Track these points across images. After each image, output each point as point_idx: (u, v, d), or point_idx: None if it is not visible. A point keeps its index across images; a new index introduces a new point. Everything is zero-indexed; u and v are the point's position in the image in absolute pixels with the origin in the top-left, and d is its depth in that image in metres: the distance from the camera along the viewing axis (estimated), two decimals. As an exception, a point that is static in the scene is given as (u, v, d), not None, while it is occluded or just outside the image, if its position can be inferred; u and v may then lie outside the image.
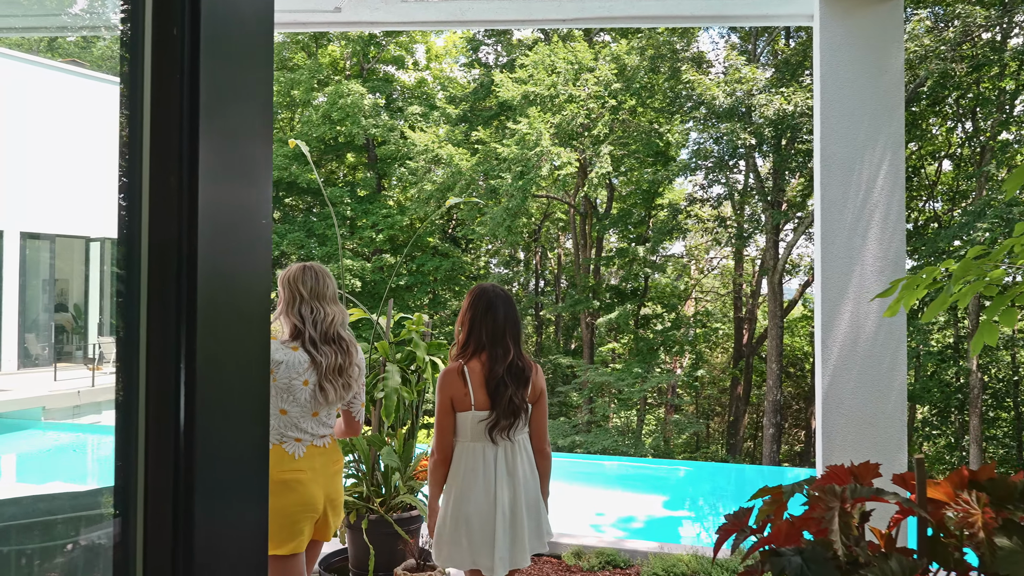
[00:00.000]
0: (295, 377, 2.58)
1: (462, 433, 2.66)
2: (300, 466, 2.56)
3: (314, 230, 25.60)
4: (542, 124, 19.08)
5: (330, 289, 2.70)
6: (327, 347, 2.63)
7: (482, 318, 2.69)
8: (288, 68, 27.11)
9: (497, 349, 2.66)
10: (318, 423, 2.65)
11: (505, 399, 2.60)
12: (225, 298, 0.90)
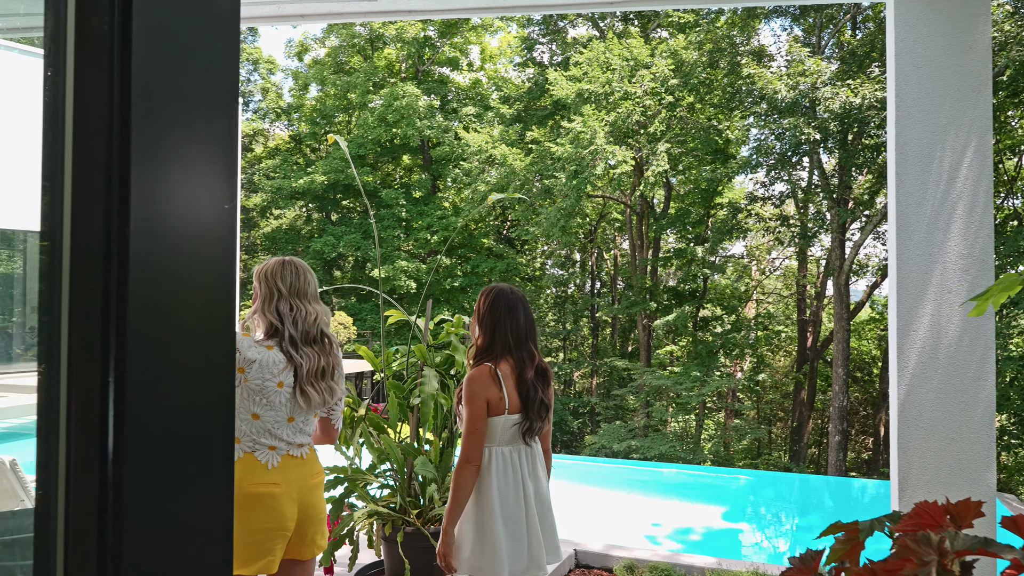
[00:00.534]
0: (269, 378, 2.34)
1: (491, 437, 2.58)
2: (274, 479, 2.33)
3: (370, 232, 25.81)
4: (596, 122, 18.75)
5: (311, 286, 2.48)
6: (309, 348, 2.41)
7: (505, 320, 2.63)
8: (344, 71, 27.43)
9: (523, 352, 2.63)
10: (295, 430, 2.42)
11: (537, 401, 2.60)
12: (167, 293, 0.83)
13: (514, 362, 2.60)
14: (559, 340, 30.29)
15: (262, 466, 2.33)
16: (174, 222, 0.85)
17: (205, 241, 0.89)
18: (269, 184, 28.08)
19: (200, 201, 0.90)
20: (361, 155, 26.40)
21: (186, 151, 0.86)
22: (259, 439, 2.34)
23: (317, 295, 2.50)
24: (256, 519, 2.28)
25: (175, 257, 0.85)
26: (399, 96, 24.30)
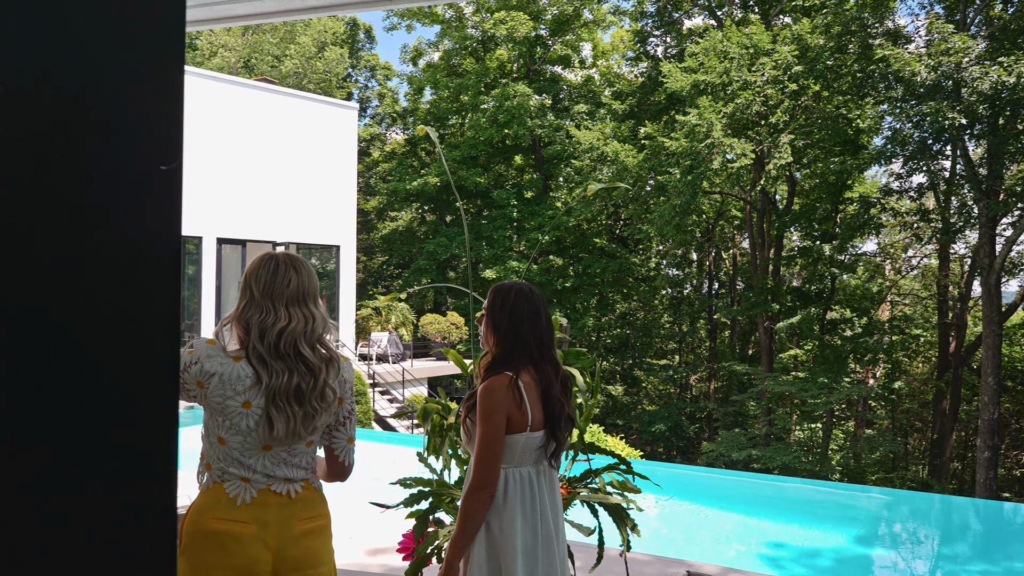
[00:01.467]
0: (231, 396, 1.88)
1: (509, 458, 2.21)
2: (241, 516, 1.86)
3: (482, 232, 25.92)
4: (713, 114, 17.89)
5: (293, 286, 1.95)
6: (278, 363, 1.90)
7: (527, 325, 2.26)
8: (456, 74, 27.68)
9: (545, 362, 2.28)
10: (276, 461, 1.92)
11: (564, 418, 2.26)
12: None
13: (538, 374, 2.24)
14: (674, 342, 29.39)
15: (229, 500, 1.88)
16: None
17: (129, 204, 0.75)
18: (385, 187, 28.75)
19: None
20: (473, 156, 26.55)
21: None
22: (228, 468, 1.90)
23: (303, 298, 1.97)
24: (209, 562, 1.84)
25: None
26: (510, 96, 24.23)
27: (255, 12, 3.86)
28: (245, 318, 1.95)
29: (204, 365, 1.89)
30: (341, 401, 2.03)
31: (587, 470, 3.69)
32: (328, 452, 2.07)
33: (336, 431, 2.05)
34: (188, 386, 1.90)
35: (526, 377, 2.21)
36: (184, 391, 1.90)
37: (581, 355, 3.69)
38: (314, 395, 1.92)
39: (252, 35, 29.32)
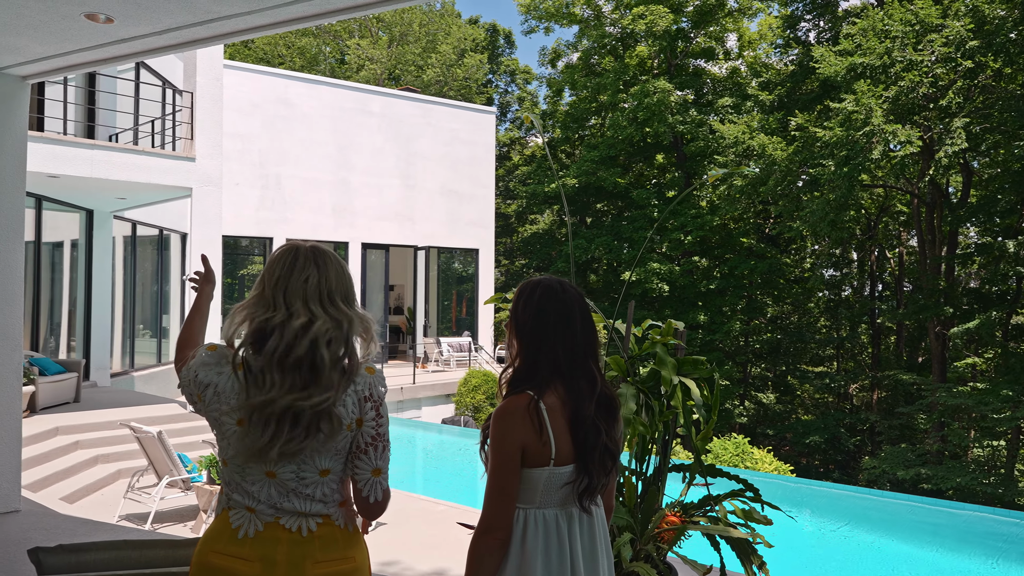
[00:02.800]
0: (226, 412, 1.63)
1: (528, 496, 1.76)
2: (244, 552, 1.61)
3: (622, 233, 25.30)
4: (872, 99, 16.32)
5: (313, 283, 1.65)
6: (279, 375, 1.59)
7: (555, 331, 1.79)
8: (595, 73, 27.22)
9: (579, 376, 1.79)
10: (283, 491, 1.63)
11: (599, 448, 1.76)
12: None
13: (566, 392, 1.77)
14: (832, 348, 27.32)
15: (233, 531, 1.64)
16: None
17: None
18: (524, 190, 28.78)
19: None
20: (612, 156, 25.99)
21: None
22: (232, 494, 1.67)
23: (331, 296, 1.67)
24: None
25: None
26: (650, 93, 23.48)
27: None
28: (250, 316, 1.67)
29: (199, 375, 1.66)
30: (361, 423, 1.67)
31: (706, 496, 3.21)
32: (353, 484, 1.73)
33: (358, 460, 1.68)
34: (191, 397, 1.69)
35: (552, 397, 1.77)
36: (189, 401, 1.70)
37: (698, 364, 3.22)
38: (318, 414, 1.60)
39: (396, 47, 30.33)
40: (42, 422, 8.72)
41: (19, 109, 5.30)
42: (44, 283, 11.88)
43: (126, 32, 4.39)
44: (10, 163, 5.22)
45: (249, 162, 17.28)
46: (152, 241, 15.15)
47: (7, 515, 5.11)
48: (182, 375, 1.72)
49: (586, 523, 1.81)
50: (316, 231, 18.28)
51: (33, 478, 7.30)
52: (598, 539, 1.82)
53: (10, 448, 5.20)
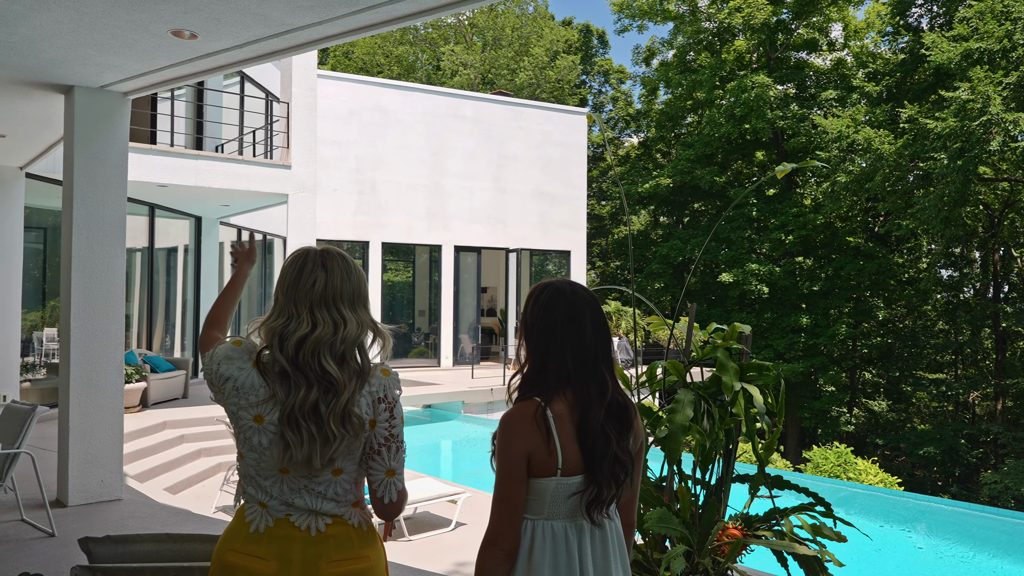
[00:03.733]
0: (244, 407, 1.67)
1: (536, 507, 1.69)
2: (260, 550, 1.64)
3: (719, 234, 24.61)
4: (991, 86, 15.19)
5: (319, 287, 1.69)
6: (297, 375, 1.64)
7: (563, 334, 1.71)
8: (690, 70, 26.62)
9: (588, 382, 1.70)
10: (295, 488, 1.67)
11: (608, 457, 1.68)
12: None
13: (574, 398, 1.69)
14: (950, 354, 25.58)
15: (246, 527, 1.67)
16: None
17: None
18: (618, 191, 28.46)
19: None
20: (708, 154, 25.33)
21: None
22: (247, 487, 1.70)
23: (336, 301, 1.70)
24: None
25: None
26: (747, 88, 22.73)
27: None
28: (269, 324, 1.71)
29: (220, 368, 1.70)
30: (374, 424, 1.69)
31: (772, 509, 3.05)
32: (368, 485, 1.74)
33: (372, 460, 1.70)
34: (211, 386, 1.73)
35: (560, 404, 1.69)
36: (209, 387, 1.74)
37: (763, 370, 3.07)
38: (333, 417, 1.62)
39: (489, 51, 30.66)
40: (152, 416, 9.29)
41: (121, 123, 5.66)
42: (160, 286, 12.68)
43: (210, 47, 4.61)
44: (113, 173, 5.58)
45: (346, 168, 17.87)
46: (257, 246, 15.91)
47: (110, 503, 5.47)
48: (205, 360, 1.76)
49: (599, 537, 1.72)
50: (410, 234, 18.69)
51: (141, 469, 7.77)
52: (612, 555, 1.73)
53: (113, 442, 5.56)
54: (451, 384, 15.86)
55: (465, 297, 20.07)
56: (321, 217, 16.47)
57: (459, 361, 19.21)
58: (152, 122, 11.37)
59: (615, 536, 1.76)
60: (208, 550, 1.96)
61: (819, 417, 23.46)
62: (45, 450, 6.99)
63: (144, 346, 11.87)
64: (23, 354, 9.80)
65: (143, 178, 9.71)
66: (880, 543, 7.20)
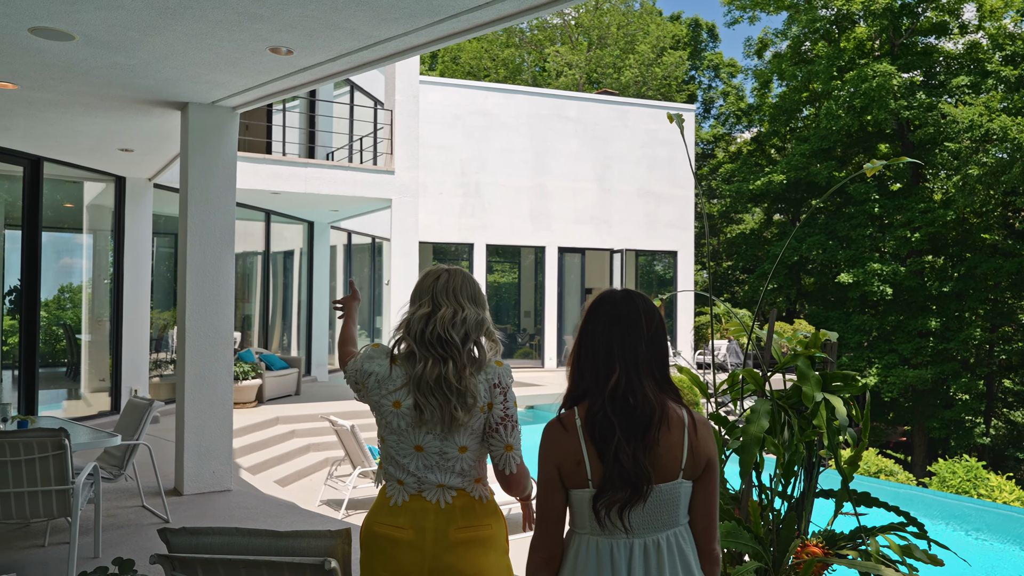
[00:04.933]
0: (384, 395, 2.00)
1: (578, 520, 1.67)
2: (400, 521, 1.96)
3: (837, 232, 23.40)
4: None
5: (443, 282, 2.02)
6: (422, 349, 1.96)
7: (590, 344, 1.71)
8: (806, 60, 25.47)
9: (598, 375, 1.67)
10: (428, 464, 1.97)
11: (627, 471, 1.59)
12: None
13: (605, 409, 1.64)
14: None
15: (387, 502, 2.00)
16: None
17: None
18: (728, 189, 27.63)
19: None
20: (825, 148, 24.15)
21: None
22: (388, 467, 2.02)
23: (457, 293, 2.01)
24: (375, 565, 1.98)
25: None
26: (868, 77, 21.51)
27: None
28: (402, 318, 2.05)
29: (364, 365, 2.04)
30: (491, 406, 1.97)
31: (858, 528, 2.89)
32: (492, 461, 2.03)
33: (492, 438, 1.98)
34: (356, 385, 2.06)
35: (583, 407, 1.68)
36: (354, 389, 2.08)
37: (848, 380, 2.91)
38: (454, 391, 1.92)
39: (595, 50, 30.48)
40: (266, 412, 9.82)
41: (230, 136, 6.02)
42: (277, 288, 13.38)
43: (305, 61, 4.83)
44: (223, 183, 5.95)
45: (451, 172, 18.24)
46: (366, 248, 16.51)
47: (220, 494, 5.83)
48: (348, 367, 2.11)
49: (653, 559, 1.63)
50: (514, 236, 18.86)
51: (254, 461, 8.24)
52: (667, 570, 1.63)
53: (223, 435, 5.92)
54: (554, 385, 15.90)
55: (569, 298, 20.04)
56: (427, 220, 16.89)
57: (563, 362, 19.21)
58: (268, 133, 12.02)
59: (676, 560, 1.65)
60: (274, 545, 2.06)
61: (951, 427, 21.87)
62: (168, 441, 7.54)
63: (258, 345, 12.56)
64: (156, 351, 10.60)
65: (258, 186, 10.29)
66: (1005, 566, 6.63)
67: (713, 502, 1.71)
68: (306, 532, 2.13)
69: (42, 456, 3.76)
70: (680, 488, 1.65)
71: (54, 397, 9.56)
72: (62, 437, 3.76)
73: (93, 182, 9.28)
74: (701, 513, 1.70)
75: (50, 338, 9.93)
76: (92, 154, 7.90)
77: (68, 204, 9.54)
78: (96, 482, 4.31)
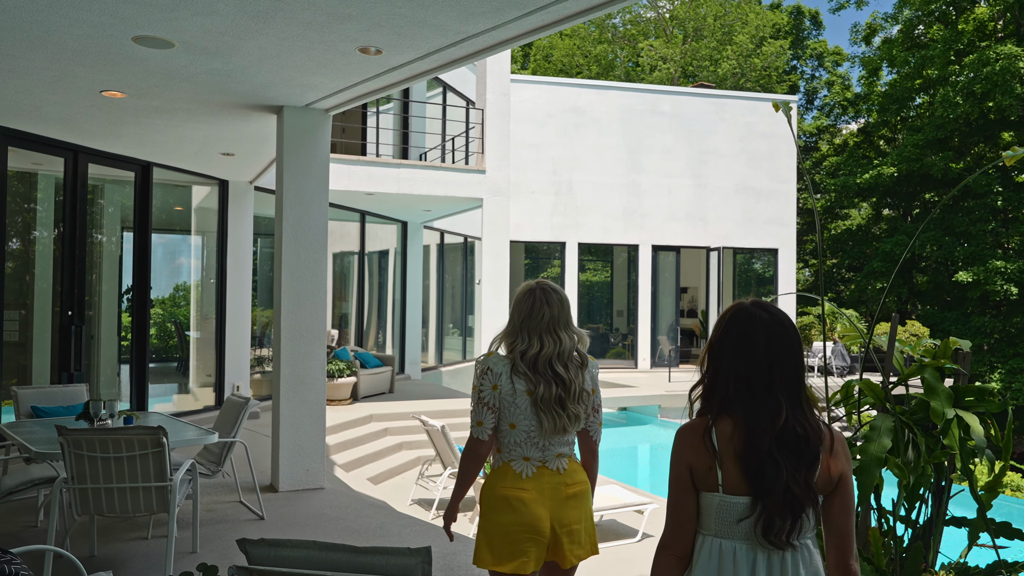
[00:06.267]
0: (512, 395, 2.50)
1: (705, 522, 1.74)
2: (522, 484, 2.48)
3: (955, 227, 21.89)
4: None
5: (546, 319, 2.50)
6: (536, 376, 2.48)
7: (733, 352, 1.74)
8: (919, 45, 23.95)
9: (758, 407, 1.69)
10: (551, 443, 2.52)
11: (779, 485, 1.64)
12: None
13: (744, 420, 1.69)
14: None
15: (516, 474, 2.49)
16: None
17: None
18: (833, 183, 26.34)
19: None
20: (941, 138, 22.64)
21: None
22: (515, 449, 2.51)
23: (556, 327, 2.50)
24: (503, 520, 2.45)
25: None
26: (991, 61, 20.00)
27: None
28: (509, 343, 2.53)
29: (493, 369, 2.49)
30: (594, 391, 2.54)
31: (996, 562, 2.56)
32: (583, 433, 2.59)
33: (592, 416, 2.55)
34: (485, 389, 2.48)
35: (726, 424, 1.71)
36: (483, 393, 2.48)
37: (985, 395, 2.59)
38: (570, 400, 2.45)
39: (690, 43, 29.67)
40: (361, 409, 9.97)
41: (323, 138, 6.09)
42: (372, 287, 13.63)
43: (394, 61, 4.79)
44: (316, 184, 6.02)
45: (543, 170, 18.12)
46: (458, 248, 16.62)
47: (314, 491, 5.90)
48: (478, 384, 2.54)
49: (777, 566, 1.68)
50: (607, 234, 18.56)
51: (348, 458, 8.36)
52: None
53: (317, 434, 5.99)
54: (648, 387, 15.52)
55: (663, 297, 19.56)
56: (519, 219, 16.84)
57: (657, 363, 18.77)
58: (363, 135, 12.23)
59: (807, 566, 1.70)
60: (352, 561, 1.99)
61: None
62: (267, 436, 7.73)
63: (356, 343, 12.81)
64: (259, 347, 10.97)
65: (353, 187, 10.47)
66: None
67: (849, 517, 1.73)
68: (385, 549, 2.04)
69: (142, 453, 3.85)
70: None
71: (166, 391, 10.04)
72: (160, 435, 3.85)
73: (200, 186, 9.66)
74: (837, 528, 1.72)
75: (164, 334, 10.44)
76: (197, 159, 8.21)
77: (178, 207, 9.99)
78: (194, 478, 4.40)
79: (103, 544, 4.55)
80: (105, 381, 8.70)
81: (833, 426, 1.77)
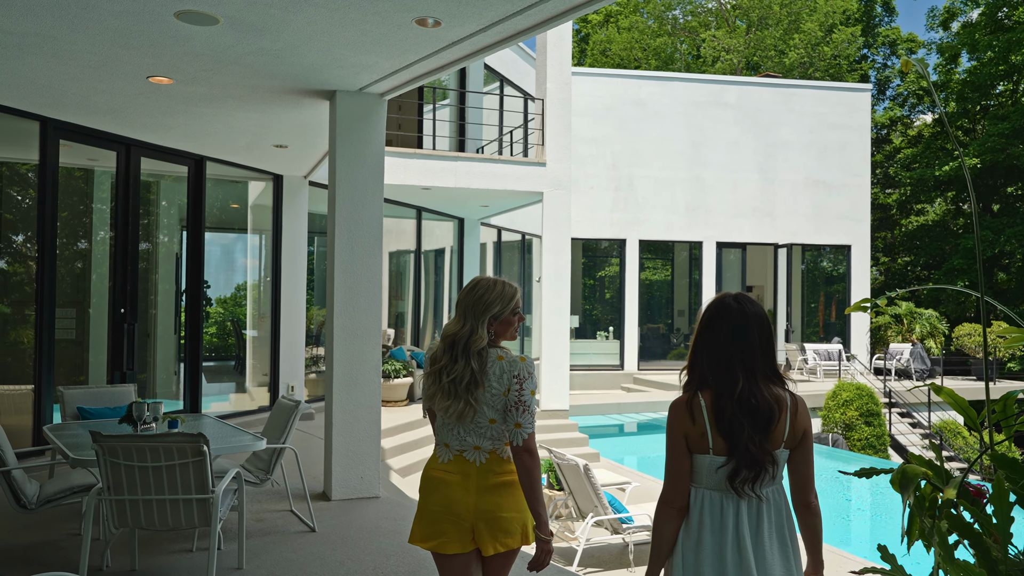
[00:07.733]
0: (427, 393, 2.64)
1: (698, 478, 2.09)
2: (449, 467, 2.50)
3: (1043, 222, 20.51)
4: None
5: (483, 301, 2.51)
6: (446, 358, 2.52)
7: (706, 337, 2.11)
8: (1003, 29, 22.52)
9: (723, 379, 2.06)
10: (466, 430, 2.50)
11: (742, 444, 2.00)
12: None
13: (714, 392, 2.06)
14: None
15: (436, 458, 2.53)
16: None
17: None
18: (908, 176, 25.04)
19: None
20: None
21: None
22: (438, 436, 2.55)
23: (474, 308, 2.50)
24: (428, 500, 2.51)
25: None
26: (1086, 42, 18.61)
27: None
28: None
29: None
30: (508, 392, 2.43)
31: None
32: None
33: (507, 416, 2.44)
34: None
35: (707, 396, 2.06)
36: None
37: None
38: (468, 385, 2.42)
39: (754, 33, 28.61)
40: (417, 411, 9.64)
41: (378, 124, 5.72)
42: (429, 286, 13.31)
43: (454, 34, 4.38)
44: (371, 175, 5.66)
45: (603, 165, 17.57)
46: (516, 245, 16.20)
47: (368, 500, 5.54)
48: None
49: (753, 508, 2.04)
50: (669, 231, 17.90)
51: (404, 463, 8.02)
52: (765, 525, 2.03)
53: (371, 439, 5.63)
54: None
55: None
56: (578, 216, 16.32)
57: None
58: (419, 127, 11.91)
59: (773, 510, 2.06)
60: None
61: None
62: (320, 439, 7.43)
63: (412, 343, 12.51)
64: (315, 346, 10.75)
65: (409, 181, 10.14)
66: None
67: (809, 464, 2.10)
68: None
69: (181, 463, 3.52)
70: (780, 456, 2.06)
71: (223, 390, 9.89)
72: (200, 443, 3.51)
73: (255, 182, 9.46)
74: (799, 473, 2.10)
75: (224, 333, 10.30)
76: (250, 152, 7.98)
77: (234, 204, 9.82)
78: (240, 488, 4.07)
79: (145, 556, 4.26)
80: (162, 381, 8.56)
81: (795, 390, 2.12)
